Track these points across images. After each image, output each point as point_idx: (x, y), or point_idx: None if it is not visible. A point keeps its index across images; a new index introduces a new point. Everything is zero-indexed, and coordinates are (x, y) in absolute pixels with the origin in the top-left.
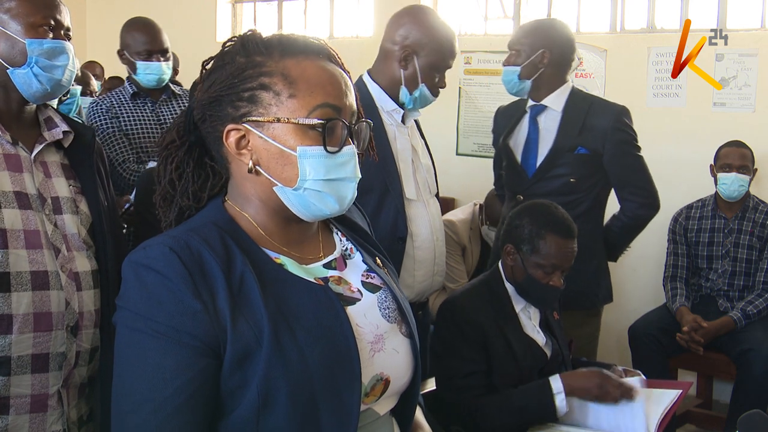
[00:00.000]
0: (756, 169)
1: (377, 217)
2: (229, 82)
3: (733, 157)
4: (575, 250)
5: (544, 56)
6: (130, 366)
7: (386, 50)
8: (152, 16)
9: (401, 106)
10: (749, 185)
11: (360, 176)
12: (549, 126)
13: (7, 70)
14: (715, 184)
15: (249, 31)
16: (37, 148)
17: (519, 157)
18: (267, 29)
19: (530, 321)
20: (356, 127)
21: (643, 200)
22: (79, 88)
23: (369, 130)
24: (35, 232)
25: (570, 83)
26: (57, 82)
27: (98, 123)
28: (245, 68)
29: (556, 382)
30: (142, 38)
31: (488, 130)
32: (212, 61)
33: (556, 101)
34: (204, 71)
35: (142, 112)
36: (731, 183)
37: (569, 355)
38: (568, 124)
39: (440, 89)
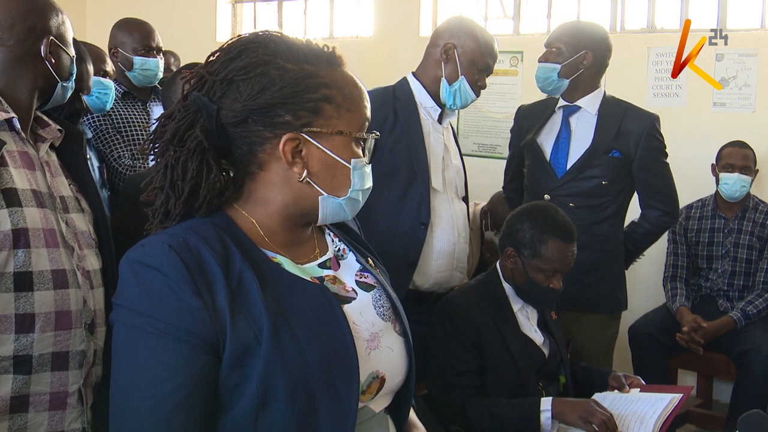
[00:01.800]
0: (757, 170)
1: (403, 201)
2: (289, 90)
3: (736, 157)
4: (575, 253)
5: (586, 57)
6: (129, 363)
7: (429, 52)
8: (152, 15)
9: (441, 107)
10: (750, 186)
11: None
12: (582, 127)
13: (58, 84)
14: (717, 183)
15: (276, 32)
16: (43, 147)
17: (548, 156)
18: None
19: (528, 321)
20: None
21: (667, 208)
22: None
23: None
24: (52, 230)
25: (602, 88)
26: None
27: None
28: (304, 77)
29: (546, 401)
30: (140, 35)
31: (488, 130)
32: (254, 66)
33: (590, 103)
34: (235, 70)
35: (133, 112)
36: (734, 183)
37: (567, 355)
38: (605, 126)
39: (481, 90)
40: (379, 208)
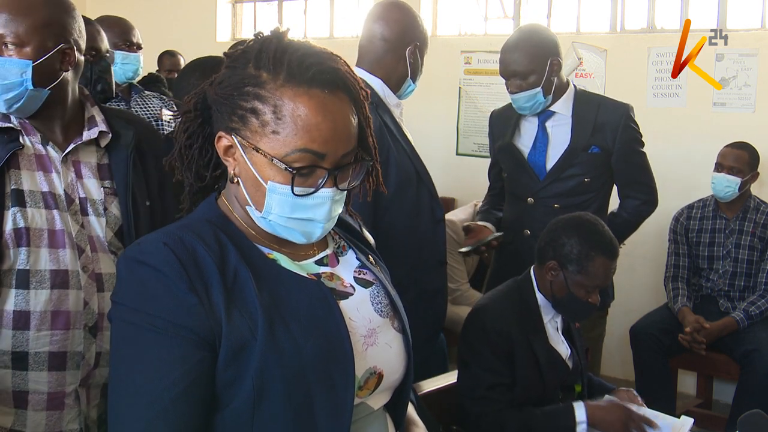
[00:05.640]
0: (758, 173)
1: (418, 205)
2: (230, 92)
3: (728, 157)
4: (615, 269)
5: (554, 64)
6: (127, 360)
7: (384, 47)
8: (152, 16)
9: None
10: (742, 188)
11: (337, 216)
12: (559, 130)
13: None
14: None
15: (273, 32)
16: (70, 147)
17: (527, 160)
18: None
19: (556, 332)
20: (351, 166)
21: (645, 197)
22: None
23: (366, 167)
24: (59, 231)
25: (572, 85)
26: None
27: None
28: (247, 83)
29: (580, 411)
30: (120, 30)
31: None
32: (234, 55)
33: (564, 106)
34: (226, 60)
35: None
36: (718, 182)
37: (586, 364)
38: (581, 125)
39: None
40: (401, 215)
